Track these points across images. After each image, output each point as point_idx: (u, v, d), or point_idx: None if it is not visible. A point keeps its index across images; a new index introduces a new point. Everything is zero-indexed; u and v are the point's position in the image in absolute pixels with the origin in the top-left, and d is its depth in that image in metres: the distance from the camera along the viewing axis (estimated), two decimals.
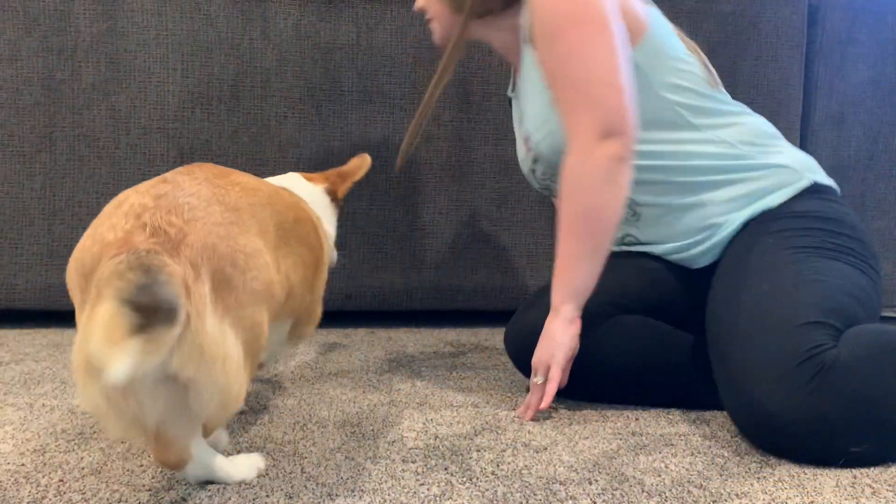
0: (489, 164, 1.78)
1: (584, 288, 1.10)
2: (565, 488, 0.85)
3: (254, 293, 0.78)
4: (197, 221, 0.76)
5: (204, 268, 0.73)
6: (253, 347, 0.78)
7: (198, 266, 0.72)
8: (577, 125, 1.05)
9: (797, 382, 0.93)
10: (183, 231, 0.73)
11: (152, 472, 0.87)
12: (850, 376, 0.92)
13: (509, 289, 1.82)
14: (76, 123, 1.66)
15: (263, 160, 1.72)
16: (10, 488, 0.82)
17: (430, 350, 1.57)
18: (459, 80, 1.74)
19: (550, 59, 1.07)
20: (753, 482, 0.88)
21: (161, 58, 1.67)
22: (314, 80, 1.71)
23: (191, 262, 0.71)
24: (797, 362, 0.94)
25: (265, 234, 0.84)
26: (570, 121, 1.07)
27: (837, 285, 1.04)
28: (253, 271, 0.78)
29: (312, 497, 0.81)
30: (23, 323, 1.75)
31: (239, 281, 0.76)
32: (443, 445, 0.98)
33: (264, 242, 0.83)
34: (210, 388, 0.72)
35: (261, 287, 0.79)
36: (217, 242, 0.75)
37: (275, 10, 1.69)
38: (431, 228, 1.79)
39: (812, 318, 0.98)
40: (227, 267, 0.75)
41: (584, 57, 1.04)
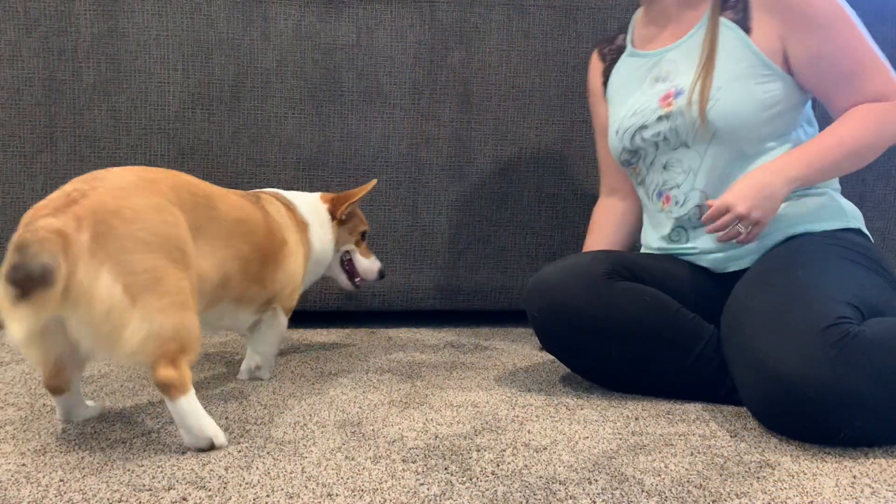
0: (489, 164, 1.78)
1: (816, 178, 1.16)
2: (565, 488, 0.85)
3: (142, 241, 0.89)
4: (101, 187, 0.91)
5: (87, 220, 0.86)
6: (149, 289, 0.88)
7: (81, 219, 0.86)
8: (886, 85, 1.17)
9: (822, 346, 0.97)
10: (85, 194, 0.89)
11: (152, 472, 0.88)
12: (874, 349, 0.96)
13: (509, 289, 1.82)
14: (77, 124, 1.67)
15: (264, 160, 1.72)
16: (11, 488, 0.82)
17: (430, 350, 1.58)
18: (459, 80, 1.75)
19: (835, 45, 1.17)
20: (753, 482, 0.88)
21: (162, 58, 1.67)
22: (314, 80, 1.71)
23: (75, 216, 0.86)
24: (823, 326, 0.98)
25: (184, 206, 0.99)
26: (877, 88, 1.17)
27: (868, 285, 1.10)
28: (140, 223, 0.90)
29: (312, 497, 0.81)
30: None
31: (123, 230, 0.88)
32: (443, 445, 0.98)
33: (183, 216, 0.97)
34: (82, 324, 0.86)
35: (152, 237, 0.91)
36: (107, 200, 0.90)
37: (275, 11, 1.69)
38: (431, 228, 1.79)
39: (840, 298, 1.03)
40: (111, 219, 0.88)
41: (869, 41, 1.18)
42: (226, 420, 1.07)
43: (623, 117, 1.35)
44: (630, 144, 1.33)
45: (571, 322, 1.20)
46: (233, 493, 0.82)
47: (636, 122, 1.31)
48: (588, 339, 1.21)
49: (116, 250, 0.87)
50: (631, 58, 1.39)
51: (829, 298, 1.03)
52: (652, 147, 1.31)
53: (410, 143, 1.75)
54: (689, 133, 1.24)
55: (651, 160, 1.33)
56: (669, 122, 1.26)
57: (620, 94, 1.39)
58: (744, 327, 1.08)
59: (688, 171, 1.27)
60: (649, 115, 1.29)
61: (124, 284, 0.87)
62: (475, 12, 1.73)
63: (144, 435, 1.00)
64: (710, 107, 1.20)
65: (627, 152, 1.35)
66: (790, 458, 0.96)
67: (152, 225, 0.91)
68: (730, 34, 1.22)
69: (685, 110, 1.23)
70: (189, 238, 0.98)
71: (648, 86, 1.32)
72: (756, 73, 1.20)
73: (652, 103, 1.29)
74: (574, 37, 1.76)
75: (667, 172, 1.30)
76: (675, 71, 1.28)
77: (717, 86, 1.21)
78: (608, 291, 1.19)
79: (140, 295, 0.88)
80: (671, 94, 1.26)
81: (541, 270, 1.27)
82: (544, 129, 1.78)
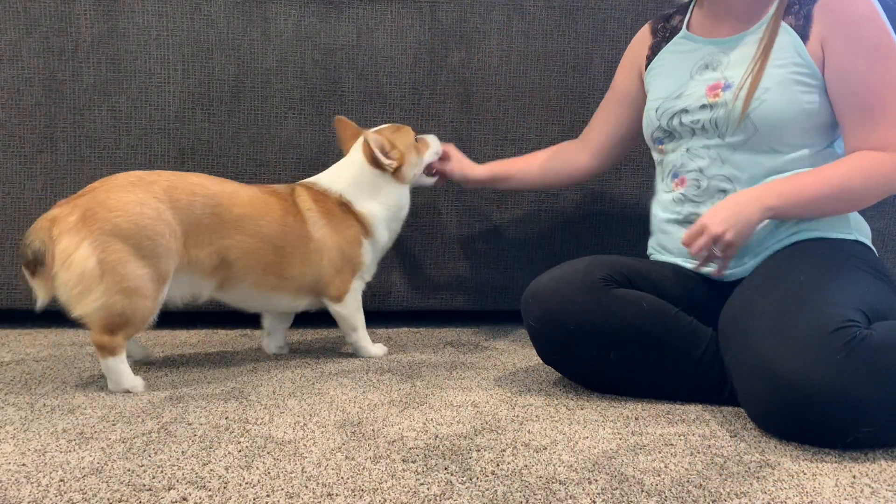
0: None
1: (793, 213, 1.18)
2: (565, 488, 0.85)
3: (118, 227, 1.13)
4: (105, 185, 1.19)
5: (80, 207, 1.14)
6: (115, 270, 1.13)
7: (76, 206, 1.14)
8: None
9: (829, 349, 0.96)
10: (93, 188, 1.19)
11: (152, 472, 0.88)
12: (881, 353, 0.95)
13: (509, 289, 1.82)
14: (77, 124, 1.67)
15: (264, 160, 1.72)
16: (11, 488, 0.83)
17: (430, 350, 1.58)
18: (459, 80, 1.75)
19: (874, 76, 1.16)
20: (753, 482, 0.88)
21: (162, 58, 1.67)
22: (314, 80, 1.71)
23: (74, 205, 1.14)
24: (830, 330, 0.97)
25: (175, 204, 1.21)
26: (886, 136, 1.16)
27: (872, 290, 1.09)
28: (120, 212, 1.14)
29: (312, 497, 0.81)
30: (23, 323, 1.75)
31: (104, 215, 1.13)
32: (443, 445, 0.98)
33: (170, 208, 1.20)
34: (61, 282, 1.12)
35: (127, 225, 1.14)
36: (101, 194, 1.16)
37: (275, 11, 1.69)
38: (431, 228, 1.79)
39: (846, 302, 1.02)
40: (98, 207, 1.14)
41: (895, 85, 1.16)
42: (226, 420, 1.07)
43: (666, 97, 1.34)
44: (667, 125, 1.33)
45: (568, 329, 1.19)
46: (233, 493, 0.82)
47: (679, 105, 1.31)
48: (586, 347, 1.20)
49: (96, 230, 1.12)
50: (685, 40, 1.37)
51: (835, 302, 1.02)
52: (688, 132, 1.30)
53: None
54: (729, 127, 1.24)
55: (681, 143, 1.32)
56: (712, 112, 1.26)
57: (666, 74, 1.38)
58: (746, 331, 1.07)
59: (715, 158, 1.27)
60: (694, 101, 1.29)
61: (98, 259, 1.12)
62: (475, 12, 1.73)
63: (144, 435, 1.00)
64: (755, 107, 1.20)
65: (661, 131, 1.35)
66: (790, 458, 0.96)
67: (130, 216, 1.14)
68: (787, 38, 1.21)
69: (730, 104, 1.23)
70: (168, 231, 1.19)
71: (698, 71, 1.32)
72: (804, 82, 1.20)
73: (699, 90, 1.29)
74: (574, 37, 1.76)
75: (688, 155, 1.30)
76: (727, 63, 1.27)
77: (765, 87, 1.20)
78: (604, 298, 1.18)
79: (108, 272, 1.13)
80: (720, 85, 1.26)
81: (536, 279, 1.27)
82: (544, 129, 1.78)
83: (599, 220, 1.83)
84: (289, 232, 1.35)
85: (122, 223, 1.14)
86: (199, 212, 1.25)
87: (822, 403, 0.95)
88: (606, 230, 1.83)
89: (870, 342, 0.96)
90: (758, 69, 1.22)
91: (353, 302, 1.46)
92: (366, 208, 1.45)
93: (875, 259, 1.20)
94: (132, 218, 1.15)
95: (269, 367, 1.40)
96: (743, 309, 1.12)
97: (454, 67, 1.74)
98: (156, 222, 1.18)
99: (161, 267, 1.20)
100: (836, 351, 0.95)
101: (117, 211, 1.14)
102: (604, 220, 1.83)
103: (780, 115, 1.20)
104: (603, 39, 1.75)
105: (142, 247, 1.16)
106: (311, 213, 1.39)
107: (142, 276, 1.16)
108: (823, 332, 0.97)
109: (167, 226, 1.20)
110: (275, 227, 1.33)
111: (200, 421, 1.07)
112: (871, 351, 0.95)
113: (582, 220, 1.82)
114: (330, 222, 1.41)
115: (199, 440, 0.98)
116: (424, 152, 1.54)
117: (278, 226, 1.34)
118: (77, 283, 1.12)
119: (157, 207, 1.19)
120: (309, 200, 1.41)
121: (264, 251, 1.33)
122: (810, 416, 0.97)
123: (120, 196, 1.16)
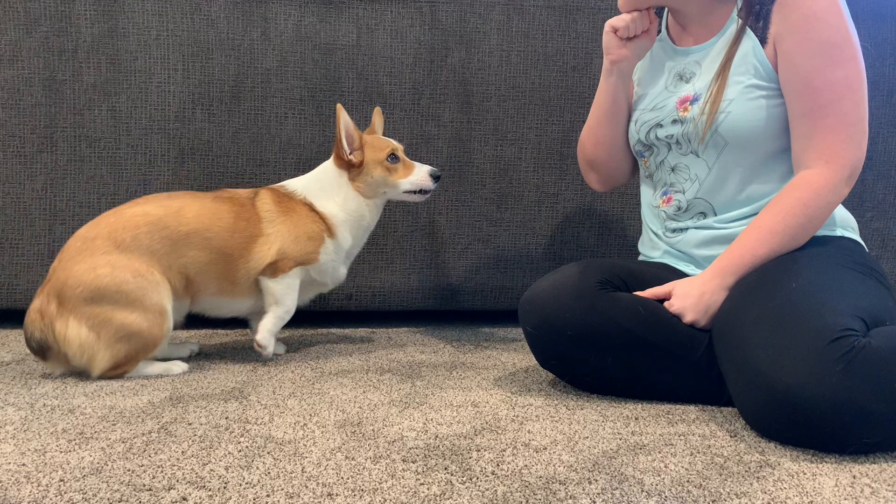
0: (489, 165, 1.78)
1: (752, 269, 1.16)
2: (565, 488, 0.85)
3: (85, 299, 1.25)
4: (61, 261, 1.30)
5: (51, 294, 1.26)
6: (104, 326, 1.25)
7: (49, 294, 1.27)
8: (834, 155, 1.14)
9: (827, 360, 0.94)
10: (54, 270, 1.30)
11: (152, 472, 0.88)
12: (880, 362, 0.93)
13: (509, 289, 1.82)
14: (77, 124, 1.67)
15: (264, 160, 1.72)
16: (11, 488, 0.83)
17: (430, 350, 1.58)
18: (459, 80, 1.75)
19: (819, 76, 1.13)
20: (753, 482, 0.88)
21: (162, 58, 1.67)
22: (314, 80, 1.71)
23: (46, 294, 1.27)
24: (829, 340, 0.95)
25: (121, 245, 1.29)
26: (823, 146, 1.14)
27: (866, 293, 1.07)
28: (81, 287, 1.25)
29: (312, 497, 0.81)
30: None
31: (71, 294, 1.25)
32: (443, 445, 0.98)
33: (119, 252, 1.29)
34: (72, 357, 1.26)
35: (90, 293, 1.25)
36: (60, 274, 1.27)
37: (275, 11, 1.69)
38: (431, 228, 1.79)
39: (842, 310, 1.00)
40: (63, 289, 1.26)
41: (856, 96, 1.13)
42: (226, 420, 1.07)
43: (643, 109, 1.35)
44: (645, 139, 1.34)
45: (566, 334, 1.18)
46: (233, 493, 0.82)
47: (653, 119, 1.31)
48: (583, 352, 1.19)
49: (72, 307, 1.24)
50: (663, 43, 1.37)
51: (831, 310, 1.00)
52: (665, 147, 1.31)
53: (410, 143, 1.75)
54: (698, 143, 1.24)
55: (662, 159, 1.33)
56: (683, 127, 1.26)
57: (646, 80, 1.38)
58: (742, 341, 1.05)
59: (694, 180, 1.27)
60: (666, 115, 1.29)
61: (88, 326, 1.25)
62: (475, 12, 1.73)
63: (144, 435, 1.00)
64: (721, 121, 1.20)
65: (641, 144, 1.35)
66: (790, 458, 0.96)
67: (90, 284, 1.25)
68: (748, 44, 1.20)
69: (697, 119, 1.23)
70: (130, 273, 1.27)
71: (672, 82, 1.32)
72: (764, 87, 1.19)
73: (671, 103, 1.29)
74: (574, 37, 1.76)
75: (675, 175, 1.31)
76: (699, 73, 1.27)
77: (729, 98, 1.20)
78: (601, 302, 1.18)
79: (101, 333, 1.25)
80: (689, 98, 1.26)
81: (532, 286, 1.27)
82: (544, 129, 1.78)
83: (599, 221, 1.83)
84: (237, 237, 1.38)
85: (86, 293, 1.25)
86: (148, 241, 1.31)
87: (821, 416, 0.93)
88: (606, 230, 1.83)
89: (869, 351, 0.93)
90: (720, 82, 1.21)
91: (286, 286, 1.42)
92: (326, 209, 1.45)
93: (864, 254, 1.19)
94: (91, 284, 1.25)
95: (269, 367, 1.40)
96: (736, 318, 1.10)
97: (454, 67, 1.74)
98: (112, 275, 1.26)
99: (147, 303, 1.27)
100: (834, 362, 0.93)
101: (78, 286, 1.25)
102: (604, 221, 1.83)
103: (747, 126, 1.19)
104: None
105: (115, 299, 1.25)
106: (270, 213, 1.42)
107: (132, 320, 1.26)
108: (821, 344, 0.95)
109: (125, 270, 1.27)
110: (223, 235, 1.37)
111: (200, 421, 1.07)
112: (871, 361, 0.93)
113: (582, 220, 1.83)
114: (290, 219, 1.42)
115: (199, 440, 0.98)
116: (398, 177, 1.47)
117: (227, 234, 1.37)
118: (83, 353, 1.25)
119: (108, 261, 1.27)
120: (270, 202, 1.43)
121: (216, 261, 1.37)
122: (810, 427, 0.95)
123: (74, 269, 1.26)
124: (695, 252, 1.28)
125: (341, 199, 1.46)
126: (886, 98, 1.83)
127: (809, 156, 1.15)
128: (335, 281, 1.52)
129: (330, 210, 1.45)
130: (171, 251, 1.33)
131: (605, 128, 1.41)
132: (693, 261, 1.29)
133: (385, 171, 1.47)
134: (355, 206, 1.47)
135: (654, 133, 1.31)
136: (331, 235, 1.45)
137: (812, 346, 0.95)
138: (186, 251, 1.34)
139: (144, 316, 1.27)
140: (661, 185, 1.34)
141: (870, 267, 1.15)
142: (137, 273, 1.28)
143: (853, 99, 1.13)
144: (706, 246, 1.26)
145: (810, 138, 1.15)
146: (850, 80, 1.13)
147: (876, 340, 0.95)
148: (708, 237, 1.26)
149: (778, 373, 0.97)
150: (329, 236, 1.45)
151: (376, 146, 1.48)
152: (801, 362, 0.95)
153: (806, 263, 1.12)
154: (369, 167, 1.46)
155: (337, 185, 1.47)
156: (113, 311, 1.25)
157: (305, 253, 1.42)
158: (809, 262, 1.12)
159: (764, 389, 0.99)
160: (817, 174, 1.14)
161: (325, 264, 1.45)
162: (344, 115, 1.42)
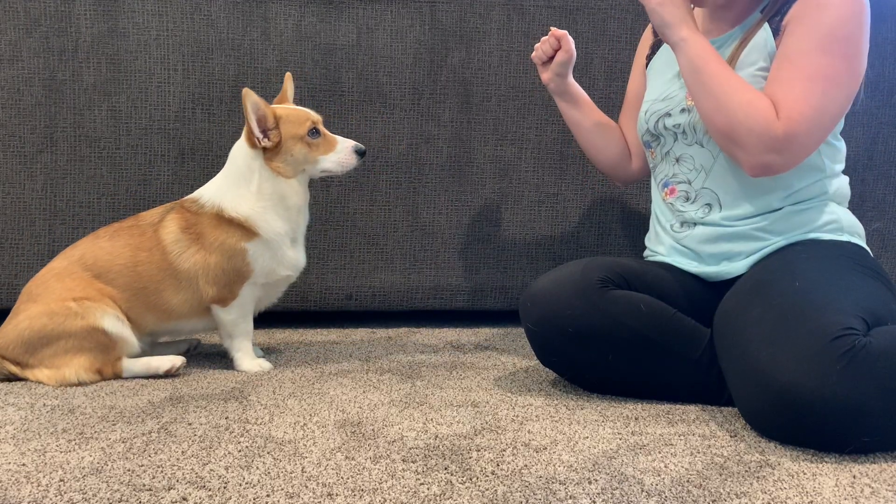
0: (489, 164, 1.78)
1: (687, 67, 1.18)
2: (565, 488, 0.85)
3: (33, 343, 1.27)
4: (20, 301, 1.34)
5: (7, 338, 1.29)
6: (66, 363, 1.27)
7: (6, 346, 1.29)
8: (791, 109, 1.10)
9: (828, 358, 0.94)
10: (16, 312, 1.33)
11: (152, 472, 0.88)
12: (881, 362, 0.93)
13: (509, 289, 1.82)
14: (77, 124, 1.67)
15: None
16: (11, 488, 0.83)
17: (430, 350, 1.58)
18: (459, 80, 1.75)
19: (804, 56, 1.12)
20: (753, 482, 0.88)
21: (162, 58, 1.67)
22: (314, 80, 1.71)
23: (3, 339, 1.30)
24: (829, 339, 0.95)
25: (32, 297, 1.31)
26: (789, 97, 1.11)
27: (868, 292, 1.07)
28: (29, 331, 1.27)
29: (312, 497, 0.82)
30: None
31: (28, 335, 1.27)
32: (443, 445, 0.98)
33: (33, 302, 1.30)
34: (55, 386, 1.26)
35: (39, 338, 1.27)
36: (13, 319, 1.31)
37: (275, 11, 1.69)
38: (431, 228, 1.79)
39: (844, 309, 1.00)
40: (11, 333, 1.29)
41: (832, 90, 1.11)
42: (226, 420, 1.07)
43: (654, 99, 1.35)
44: (654, 129, 1.34)
45: (567, 332, 1.19)
46: (233, 493, 0.82)
47: (663, 108, 1.32)
48: (584, 349, 1.19)
49: (29, 352, 1.27)
50: None
51: (833, 309, 1.00)
52: (671, 137, 1.31)
53: (410, 143, 1.75)
54: (704, 131, 1.24)
55: (667, 150, 1.33)
56: (690, 116, 1.26)
57: (658, 74, 1.39)
58: (743, 339, 1.05)
59: (699, 170, 1.27)
60: (675, 105, 1.29)
61: (49, 369, 1.27)
62: (475, 12, 1.73)
63: (144, 435, 1.00)
64: None
65: (649, 134, 1.36)
66: (790, 458, 0.96)
67: (37, 329, 1.27)
68: (761, 36, 1.21)
69: None
70: (62, 314, 1.27)
71: None
72: None
73: (681, 93, 1.30)
74: (574, 37, 1.75)
75: (678, 166, 1.31)
76: None
77: None
78: (602, 300, 1.18)
79: (61, 366, 1.27)
80: None
81: (533, 283, 1.26)
82: (544, 129, 1.78)
83: (599, 221, 1.83)
84: (142, 270, 1.33)
85: (34, 338, 1.27)
86: (59, 287, 1.31)
87: (821, 414, 0.93)
88: (606, 230, 1.83)
89: (870, 350, 0.93)
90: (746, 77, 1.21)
91: (239, 309, 1.36)
92: (238, 211, 1.33)
93: (869, 259, 1.19)
94: (41, 329, 1.27)
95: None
96: (737, 317, 1.10)
97: (454, 67, 1.74)
98: (65, 321, 1.27)
99: (91, 325, 1.27)
100: (835, 361, 0.93)
101: (26, 331, 1.27)
102: (604, 221, 1.83)
103: None
104: (603, 39, 1.75)
105: (66, 344, 1.27)
106: (177, 244, 1.34)
107: (72, 345, 1.27)
108: (822, 342, 0.95)
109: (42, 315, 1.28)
110: (125, 273, 1.34)
111: (200, 421, 1.07)
112: (871, 360, 0.93)
113: (582, 220, 1.83)
114: (202, 247, 1.33)
115: (199, 440, 0.98)
116: (320, 153, 1.35)
117: (128, 270, 1.34)
118: (59, 384, 1.26)
119: (63, 307, 1.28)
120: (176, 230, 1.34)
121: (133, 297, 1.34)
122: (810, 426, 0.96)
123: (28, 315, 1.29)
124: (700, 248, 1.28)
125: (255, 186, 1.33)
126: (886, 98, 1.83)
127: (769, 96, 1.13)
128: (291, 269, 1.39)
129: (242, 211, 1.33)
130: (85, 292, 1.31)
131: (586, 140, 1.51)
132: (697, 257, 1.29)
133: (306, 147, 1.34)
134: (271, 188, 1.34)
135: (663, 122, 1.32)
136: (252, 237, 1.33)
137: (812, 345, 0.96)
138: (103, 289, 1.32)
139: (77, 340, 1.27)
140: (664, 175, 1.34)
141: (874, 269, 1.15)
142: (52, 312, 1.27)
143: (827, 90, 1.10)
144: (712, 242, 1.26)
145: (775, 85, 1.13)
146: (834, 71, 1.11)
147: (877, 340, 0.95)
148: (714, 234, 1.26)
149: (778, 371, 0.97)
150: (250, 239, 1.32)
151: (294, 120, 1.34)
152: (801, 361, 0.95)
153: (809, 264, 1.12)
154: (288, 145, 1.33)
155: (249, 169, 1.34)
156: (52, 348, 1.27)
157: (235, 273, 1.34)
158: (813, 263, 1.12)
159: (764, 387, 0.99)
160: (773, 112, 1.11)
161: (263, 266, 1.35)
162: (251, 98, 1.28)
